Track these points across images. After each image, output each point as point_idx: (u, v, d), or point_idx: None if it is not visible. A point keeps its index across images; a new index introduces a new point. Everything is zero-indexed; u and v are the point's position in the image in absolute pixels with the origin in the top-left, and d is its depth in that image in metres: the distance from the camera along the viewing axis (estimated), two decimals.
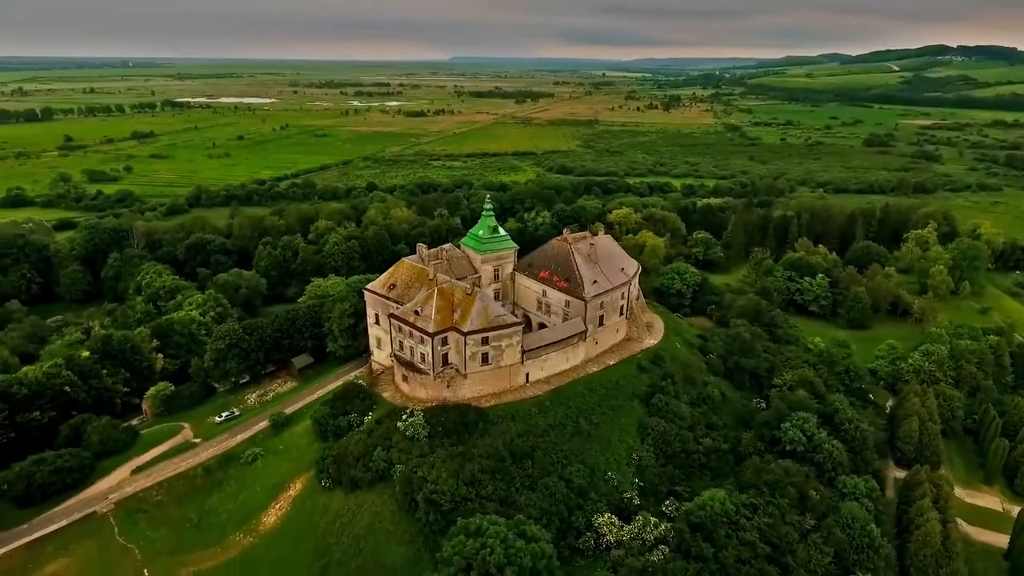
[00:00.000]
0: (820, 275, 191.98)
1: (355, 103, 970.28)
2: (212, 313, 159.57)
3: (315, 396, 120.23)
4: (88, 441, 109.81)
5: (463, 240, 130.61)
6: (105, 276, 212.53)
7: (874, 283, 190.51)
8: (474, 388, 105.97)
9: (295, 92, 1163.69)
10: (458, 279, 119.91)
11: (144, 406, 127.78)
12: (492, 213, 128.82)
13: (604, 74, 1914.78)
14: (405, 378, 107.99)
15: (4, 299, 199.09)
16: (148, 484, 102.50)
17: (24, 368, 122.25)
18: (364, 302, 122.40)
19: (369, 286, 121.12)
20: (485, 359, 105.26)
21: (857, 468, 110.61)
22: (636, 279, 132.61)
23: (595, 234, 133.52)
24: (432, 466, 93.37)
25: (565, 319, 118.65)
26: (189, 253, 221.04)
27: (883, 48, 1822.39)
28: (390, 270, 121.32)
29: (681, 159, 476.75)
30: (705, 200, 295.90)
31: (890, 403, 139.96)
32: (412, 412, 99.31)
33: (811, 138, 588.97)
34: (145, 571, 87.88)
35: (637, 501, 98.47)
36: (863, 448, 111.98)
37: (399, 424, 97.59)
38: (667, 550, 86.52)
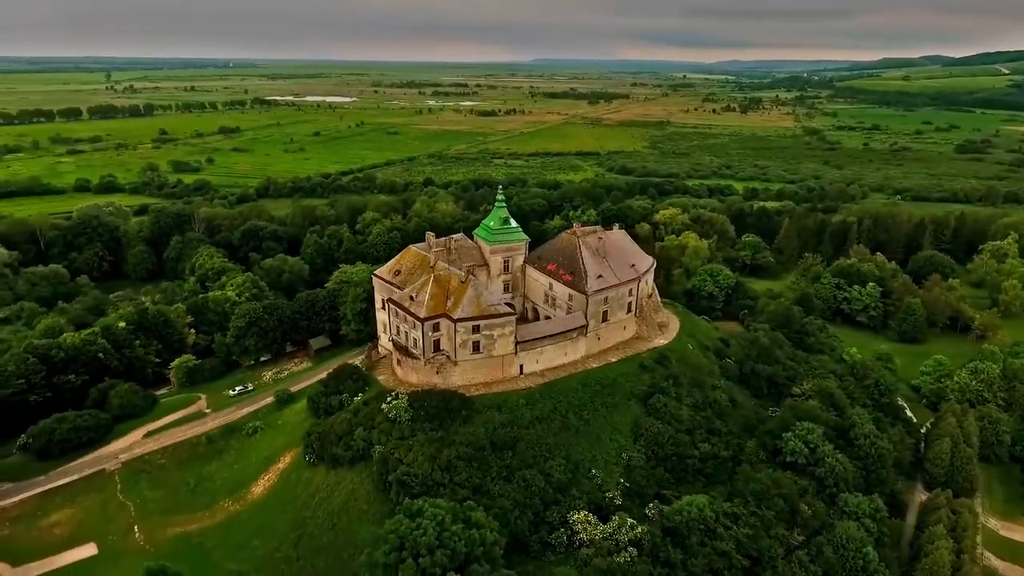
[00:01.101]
0: (871, 284, 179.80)
1: (431, 102, 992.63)
2: (247, 294, 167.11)
3: (323, 376, 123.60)
4: (109, 404, 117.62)
5: (476, 231, 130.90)
6: (167, 257, 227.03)
7: (932, 295, 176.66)
8: (465, 376, 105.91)
9: (376, 91, 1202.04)
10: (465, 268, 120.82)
11: (171, 376, 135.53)
12: (504, 204, 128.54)
13: (685, 76, 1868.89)
14: (399, 362, 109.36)
15: (76, 274, 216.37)
16: (155, 448, 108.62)
17: (64, 334, 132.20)
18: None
19: (377, 271, 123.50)
20: (476, 347, 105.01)
21: (870, 487, 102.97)
22: (649, 277, 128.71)
23: (610, 228, 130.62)
24: (410, 449, 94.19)
25: (569, 313, 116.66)
26: (243, 239, 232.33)
27: (992, 50, 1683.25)
28: (397, 256, 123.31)
29: (750, 162, 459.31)
30: (761, 203, 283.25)
31: (930, 422, 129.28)
32: (397, 395, 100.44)
33: (897, 143, 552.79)
34: (136, 527, 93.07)
35: (619, 501, 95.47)
36: (878, 466, 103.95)
37: (383, 406, 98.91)
38: (636, 553, 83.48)
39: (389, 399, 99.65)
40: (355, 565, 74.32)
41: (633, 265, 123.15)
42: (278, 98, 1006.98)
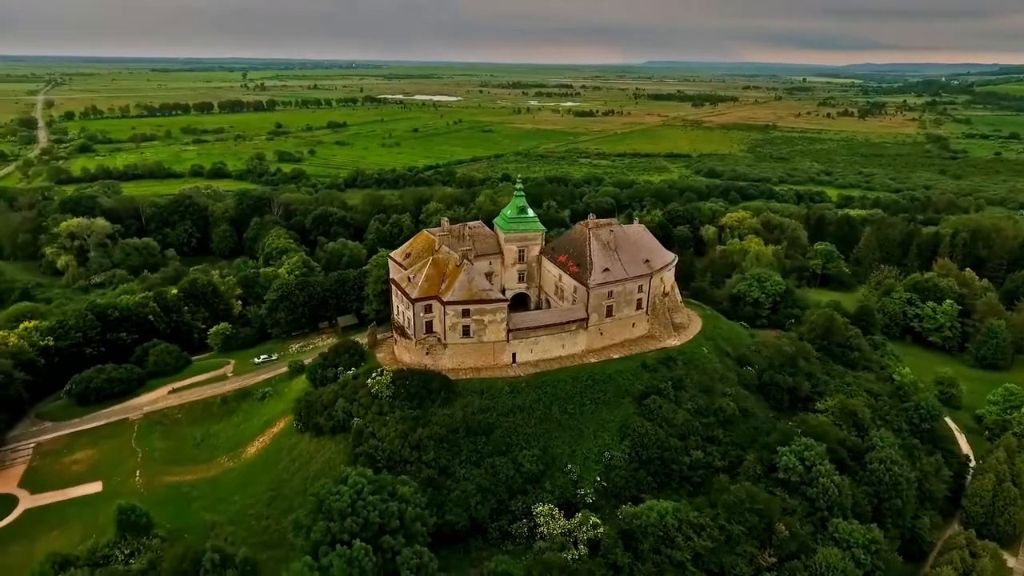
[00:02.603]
0: (948, 302, 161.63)
1: (532, 102, 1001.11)
2: (297, 272, 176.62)
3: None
4: (146, 361, 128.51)
5: (495, 220, 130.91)
6: (247, 236, 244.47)
7: (1022, 318, 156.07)
8: (455, 359, 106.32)
9: (481, 91, 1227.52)
10: (480, 255, 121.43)
11: (209, 342, 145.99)
12: (522, 194, 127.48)
13: (805, 79, 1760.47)
14: (396, 342, 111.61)
15: (166, 247, 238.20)
16: (175, 403, 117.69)
17: (121, 296, 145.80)
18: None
19: (392, 253, 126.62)
20: (466, 332, 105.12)
21: (880, 517, 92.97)
22: (667, 274, 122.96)
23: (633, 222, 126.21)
24: (385, 424, 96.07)
25: (575, 305, 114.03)
26: (314, 223, 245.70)
27: None
28: (411, 240, 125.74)
29: (854, 169, 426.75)
30: (845, 210, 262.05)
31: (980, 457, 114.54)
32: (381, 371, 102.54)
33: None
34: (138, 472, 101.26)
35: (591, 500, 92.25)
36: (892, 495, 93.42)
37: (368, 381, 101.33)
38: (586, 552, 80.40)
39: (374, 375, 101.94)
40: (286, 523, 76.90)
41: (647, 261, 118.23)
42: (388, 96, 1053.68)
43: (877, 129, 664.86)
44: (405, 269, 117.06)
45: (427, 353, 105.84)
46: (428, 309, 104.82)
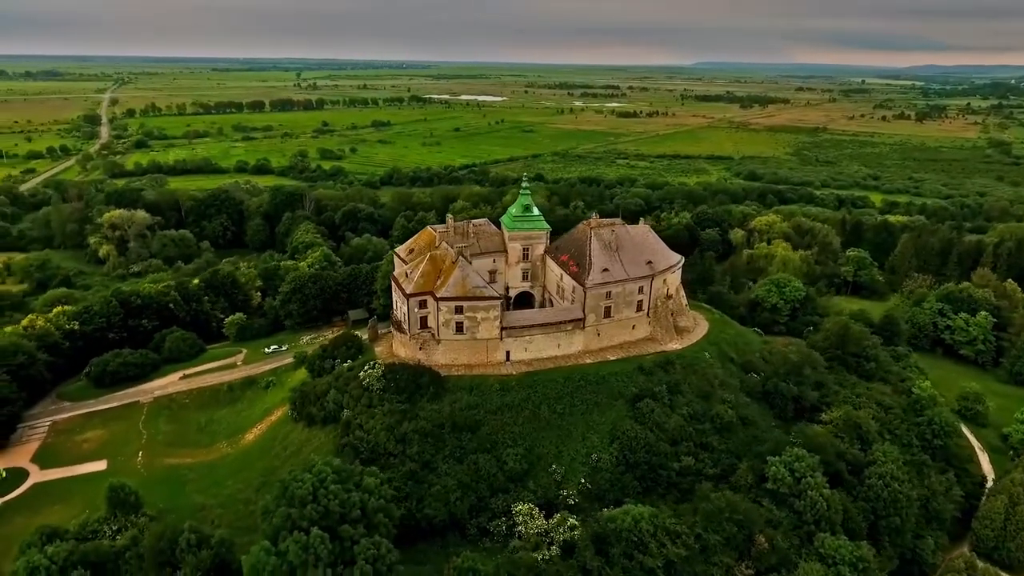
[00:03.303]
0: (983, 313, 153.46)
1: (577, 103, 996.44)
2: (317, 266, 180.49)
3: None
4: (161, 347, 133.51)
5: (502, 218, 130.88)
6: (278, 231, 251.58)
7: None
8: (448, 355, 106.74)
9: (526, 92, 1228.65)
10: (485, 253, 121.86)
11: (227, 331, 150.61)
12: (528, 192, 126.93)
13: (863, 81, 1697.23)
14: (393, 336, 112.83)
15: (202, 240, 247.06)
16: (184, 389, 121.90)
17: (144, 284, 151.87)
18: None
19: (397, 249, 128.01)
20: (460, 328, 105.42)
21: (877, 535, 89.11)
22: (671, 276, 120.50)
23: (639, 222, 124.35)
24: (372, 416, 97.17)
25: (573, 305, 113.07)
26: (343, 219, 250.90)
27: None
28: (416, 236, 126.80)
29: (904, 174, 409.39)
30: (883, 216, 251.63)
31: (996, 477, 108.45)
32: (374, 365, 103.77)
33: None
34: (140, 453, 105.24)
35: (573, 502, 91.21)
36: (891, 513, 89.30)
37: (360, 374, 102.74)
38: (558, 552, 79.64)
39: (366, 368, 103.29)
40: (257, 508, 78.66)
41: (649, 262, 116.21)
42: (434, 96, 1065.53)
43: (935, 133, 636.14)
44: (407, 264, 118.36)
45: (421, 348, 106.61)
46: (423, 305, 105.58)
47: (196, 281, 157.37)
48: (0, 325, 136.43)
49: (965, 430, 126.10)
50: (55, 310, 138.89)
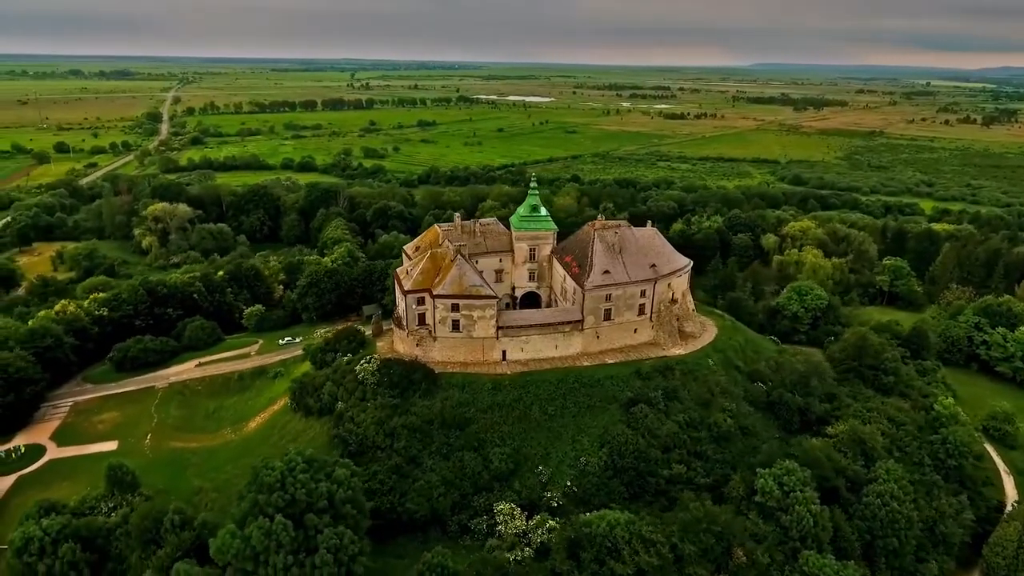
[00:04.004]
0: (1023, 328, 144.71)
1: (625, 104, 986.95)
2: (340, 262, 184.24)
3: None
4: (182, 335, 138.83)
5: (511, 218, 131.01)
6: (313, 226, 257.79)
7: None
8: (444, 353, 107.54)
9: (574, 93, 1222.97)
10: (491, 252, 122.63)
11: (246, 322, 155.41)
12: (536, 192, 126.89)
13: (928, 83, 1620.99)
14: (394, 332, 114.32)
15: (240, 233, 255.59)
16: (198, 376, 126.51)
17: (172, 274, 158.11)
18: None
19: (405, 246, 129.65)
20: (456, 326, 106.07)
21: (872, 556, 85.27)
22: (677, 281, 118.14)
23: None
24: (364, 410, 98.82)
25: (574, 306, 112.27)
26: (374, 216, 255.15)
27: None
28: (423, 234, 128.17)
29: (962, 181, 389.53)
30: (928, 224, 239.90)
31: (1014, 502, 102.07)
32: (370, 359, 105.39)
33: None
34: (149, 435, 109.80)
35: (557, 504, 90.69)
36: (888, 533, 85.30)
37: (356, 367, 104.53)
38: (531, 553, 79.32)
39: (361, 362, 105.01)
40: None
41: (653, 265, 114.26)
42: (482, 97, 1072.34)
43: (1002, 138, 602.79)
44: (411, 261, 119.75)
45: (418, 345, 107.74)
46: (420, 302, 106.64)
47: (221, 273, 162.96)
48: (43, 310, 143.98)
49: (991, 451, 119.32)
50: (91, 297, 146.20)
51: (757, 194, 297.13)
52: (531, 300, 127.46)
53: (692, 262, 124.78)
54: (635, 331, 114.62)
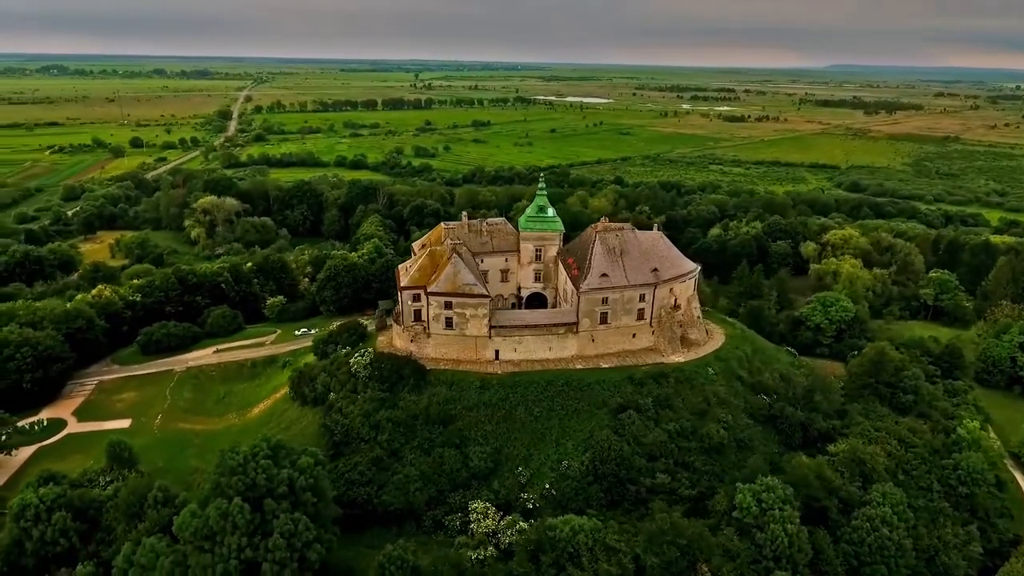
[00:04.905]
0: None
1: (685, 106, 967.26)
2: (367, 257, 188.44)
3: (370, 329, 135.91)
4: (205, 322, 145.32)
5: (520, 218, 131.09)
6: (352, 222, 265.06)
7: None
8: (438, 349, 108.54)
9: (634, 94, 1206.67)
10: (497, 252, 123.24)
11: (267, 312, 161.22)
12: (544, 193, 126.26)
13: (1018, 87, 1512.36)
14: (393, 327, 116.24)
15: (283, 227, 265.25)
16: (215, 362, 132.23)
17: (203, 265, 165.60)
18: None
19: (413, 244, 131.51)
20: (449, 323, 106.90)
21: None
22: (682, 286, 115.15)
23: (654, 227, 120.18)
24: (354, 402, 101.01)
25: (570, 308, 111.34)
26: (411, 213, 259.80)
27: None
28: (430, 232, 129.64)
29: None
30: (987, 235, 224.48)
31: None
32: (364, 353, 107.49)
33: None
34: (159, 416, 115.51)
35: (532, 506, 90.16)
36: (876, 560, 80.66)
37: (351, 360, 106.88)
38: (494, 553, 79.17)
39: (357, 355, 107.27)
40: None
41: (655, 270, 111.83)
42: (539, 97, 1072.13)
43: None
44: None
45: (412, 340, 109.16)
46: (416, 298, 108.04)
47: (249, 264, 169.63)
48: (81, 293, 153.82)
49: (1021, 480, 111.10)
50: (125, 283, 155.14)
51: (805, 200, 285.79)
52: (538, 301, 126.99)
53: (699, 267, 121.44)
54: (633, 336, 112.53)
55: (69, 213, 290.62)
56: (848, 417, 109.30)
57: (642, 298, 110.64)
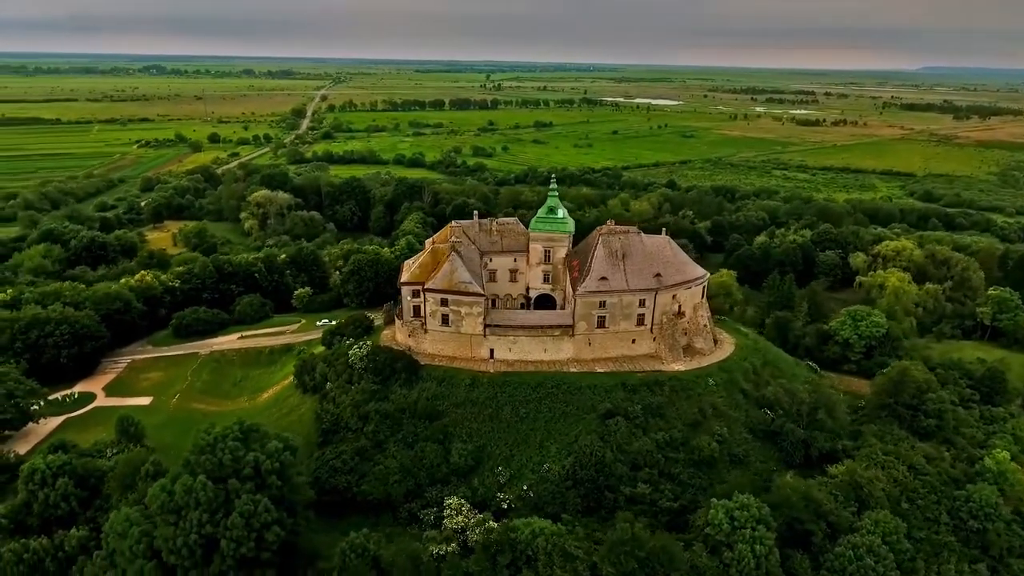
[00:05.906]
0: None
1: (759, 109, 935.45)
2: (397, 252, 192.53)
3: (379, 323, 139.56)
4: (234, 310, 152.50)
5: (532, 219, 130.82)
6: (397, 219, 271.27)
7: None
8: (435, 346, 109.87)
9: (706, 96, 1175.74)
10: (506, 252, 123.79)
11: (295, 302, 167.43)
12: (556, 194, 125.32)
13: None
14: (395, 321, 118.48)
15: (331, 222, 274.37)
16: (237, 347, 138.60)
17: (239, 255, 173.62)
18: None
19: (427, 240, 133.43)
20: (445, 320, 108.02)
21: None
22: (687, 293, 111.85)
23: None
24: (347, 392, 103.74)
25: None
26: (452, 212, 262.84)
27: None
28: (441, 231, 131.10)
29: None
30: None
31: None
32: (362, 345, 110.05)
33: None
34: (177, 395, 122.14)
35: (508, 506, 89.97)
36: None
37: (349, 352, 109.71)
38: (456, 549, 79.55)
39: (355, 347, 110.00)
40: None
41: (658, 275, 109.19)
42: (606, 99, 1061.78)
43: None
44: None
45: (410, 335, 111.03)
46: (415, 294, 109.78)
47: (283, 256, 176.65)
48: (124, 278, 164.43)
49: None
50: (167, 270, 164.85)
51: (866, 209, 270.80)
52: (547, 303, 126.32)
53: (708, 274, 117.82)
54: (633, 342, 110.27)
55: (142, 203, 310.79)
56: (862, 438, 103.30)
57: (642, 303, 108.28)
